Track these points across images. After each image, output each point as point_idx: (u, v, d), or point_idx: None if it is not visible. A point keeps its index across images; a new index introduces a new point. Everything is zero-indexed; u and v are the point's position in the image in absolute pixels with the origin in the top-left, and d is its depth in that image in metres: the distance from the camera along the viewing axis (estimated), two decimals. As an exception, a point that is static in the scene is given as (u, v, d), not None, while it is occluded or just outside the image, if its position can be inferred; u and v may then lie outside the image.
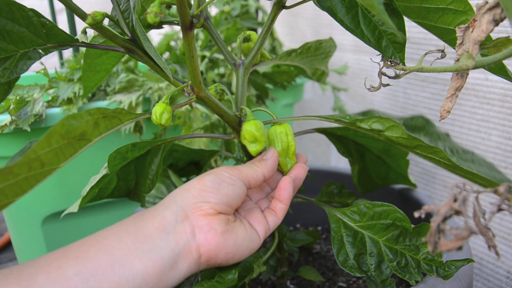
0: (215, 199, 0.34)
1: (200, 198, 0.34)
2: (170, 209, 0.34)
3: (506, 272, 0.64)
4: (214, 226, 0.34)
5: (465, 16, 0.34)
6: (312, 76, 0.61)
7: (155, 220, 0.33)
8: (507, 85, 0.60)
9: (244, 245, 0.35)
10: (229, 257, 0.35)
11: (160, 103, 0.36)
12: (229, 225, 0.35)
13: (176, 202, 0.34)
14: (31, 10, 0.33)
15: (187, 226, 0.33)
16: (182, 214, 0.33)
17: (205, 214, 0.34)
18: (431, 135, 0.38)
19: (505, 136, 0.62)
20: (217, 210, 0.34)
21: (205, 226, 0.33)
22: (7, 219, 0.68)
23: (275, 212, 0.39)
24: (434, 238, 0.26)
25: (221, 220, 0.34)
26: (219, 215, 0.34)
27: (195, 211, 0.34)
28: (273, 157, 0.39)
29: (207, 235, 0.33)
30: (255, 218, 0.38)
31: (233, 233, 0.35)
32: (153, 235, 0.32)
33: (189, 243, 0.33)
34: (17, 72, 0.34)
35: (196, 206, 0.34)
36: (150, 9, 0.30)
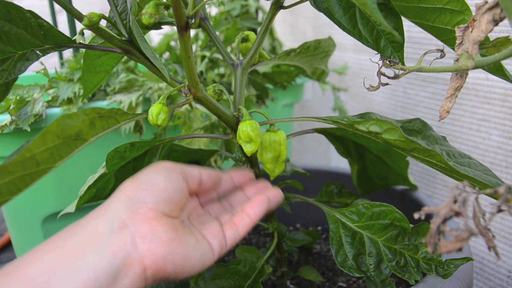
0: (151, 197, 0.30)
1: (135, 198, 0.30)
2: (104, 217, 0.29)
3: (507, 272, 0.63)
4: (159, 234, 0.29)
5: (462, 16, 0.34)
6: (312, 75, 0.61)
7: (87, 232, 0.28)
8: (508, 84, 0.60)
9: (195, 257, 0.31)
10: (178, 269, 0.30)
11: (157, 103, 0.36)
12: (177, 233, 0.31)
13: (110, 207, 0.30)
14: (29, 12, 0.33)
15: (126, 235, 0.28)
16: (118, 220, 0.29)
17: (145, 219, 0.29)
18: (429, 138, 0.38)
19: (506, 136, 0.61)
20: (158, 211, 0.30)
21: (148, 235, 0.29)
22: (7, 219, 0.69)
23: (237, 226, 0.35)
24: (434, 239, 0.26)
25: (167, 226, 0.30)
26: (162, 219, 0.30)
27: (134, 216, 0.29)
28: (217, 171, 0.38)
29: (151, 244, 0.29)
30: (210, 231, 0.34)
31: (181, 242, 0.30)
32: (84, 251, 0.27)
33: (130, 256, 0.28)
34: (15, 73, 0.34)
35: (133, 209, 0.30)
36: (145, 10, 0.30)
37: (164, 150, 0.45)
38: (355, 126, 0.36)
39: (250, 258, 0.43)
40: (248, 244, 0.69)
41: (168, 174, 0.32)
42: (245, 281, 0.40)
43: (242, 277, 0.40)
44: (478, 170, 0.36)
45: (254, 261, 0.42)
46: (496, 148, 0.63)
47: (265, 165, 0.42)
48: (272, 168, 0.42)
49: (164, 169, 0.32)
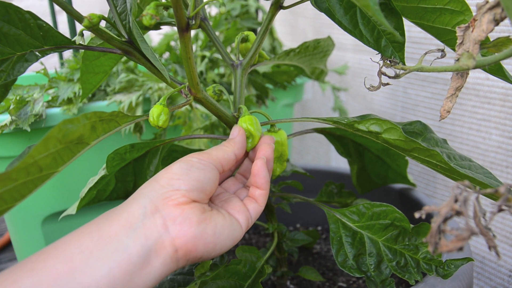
0: (185, 185, 0.32)
1: (169, 187, 0.31)
2: (137, 204, 0.31)
3: (508, 271, 0.63)
4: (188, 216, 0.31)
5: (462, 17, 0.34)
6: (311, 75, 0.61)
7: (121, 218, 0.30)
8: (508, 84, 0.59)
9: (224, 234, 0.33)
10: (210, 248, 0.32)
11: (157, 105, 0.36)
12: (206, 214, 0.32)
13: (144, 194, 0.31)
14: (28, 13, 0.33)
15: (158, 219, 0.30)
16: (151, 206, 0.31)
17: (177, 204, 0.31)
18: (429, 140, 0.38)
19: (506, 136, 0.61)
20: (190, 197, 0.32)
21: (178, 217, 0.30)
22: (7, 219, 0.69)
23: (255, 199, 0.37)
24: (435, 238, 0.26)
25: (196, 209, 0.32)
26: (192, 204, 0.32)
27: (166, 202, 0.31)
28: (240, 134, 0.38)
29: (182, 226, 0.30)
30: (234, 207, 0.36)
31: (210, 221, 0.32)
32: (119, 234, 0.29)
33: (161, 238, 0.30)
34: (14, 74, 0.34)
35: (166, 196, 0.31)
36: (146, 11, 0.30)
37: (164, 151, 0.45)
38: (355, 126, 0.36)
39: (250, 258, 0.43)
40: (248, 244, 0.69)
41: (201, 166, 0.33)
42: (245, 281, 0.40)
43: (242, 277, 0.40)
44: (479, 173, 0.36)
45: (254, 261, 0.42)
46: (496, 148, 0.63)
47: None
48: (274, 168, 0.42)
49: (198, 161, 0.34)
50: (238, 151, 0.37)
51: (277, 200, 0.55)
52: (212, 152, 0.35)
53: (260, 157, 0.37)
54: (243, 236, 0.71)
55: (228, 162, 0.36)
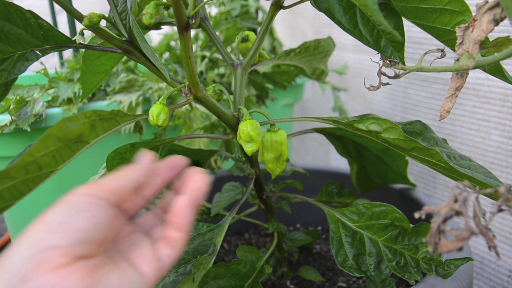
0: (65, 239, 0.24)
1: (43, 244, 0.24)
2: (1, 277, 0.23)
3: (508, 271, 0.63)
4: (69, 284, 0.24)
5: (462, 17, 0.34)
6: (312, 75, 0.61)
7: None
8: (508, 84, 0.60)
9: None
10: None
11: (157, 104, 0.36)
12: (94, 276, 0.25)
13: (10, 261, 0.24)
14: (29, 12, 0.33)
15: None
16: (18, 277, 0.23)
17: (54, 268, 0.24)
18: (429, 140, 0.38)
19: (506, 136, 0.61)
20: (73, 255, 0.24)
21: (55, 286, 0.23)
22: (7, 219, 0.69)
23: (171, 243, 0.29)
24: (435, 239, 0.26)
25: (81, 272, 0.24)
26: (76, 264, 0.24)
27: (38, 267, 0.23)
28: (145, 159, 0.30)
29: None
30: (140, 254, 0.29)
31: (101, 285, 0.25)
32: None
33: None
34: (14, 73, 0.34)
35: (38, 258, 0.24)
36: (145, 10, 0.30)
37: (164, 151, 0.45)
38: (354, 125, 0.36)
39: (251, 258, 0.43)
40: (248, 244, 0.69)
41: (90, 207, 0.26)
42: (245, 281, 0.40)
43: (242, 277, 0.41)
44: (479, 172, 0.36)
45: (254, 261, 0.42)
46: (496, 148, 0.63)
47: (266, 165, 0.42)
48: (274, 168, 0.42)
49: (84, 200, 0.26)
50: (138, 178, 0.29)
51: (277, 200, 0.55)
52: (104, 181, 0.28)
53: (188, 193, 0.30)
54: (243, 236, 0.71)
55: (125, 191, 0.28)
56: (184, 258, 0.40)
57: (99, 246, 0.26)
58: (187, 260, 0.40)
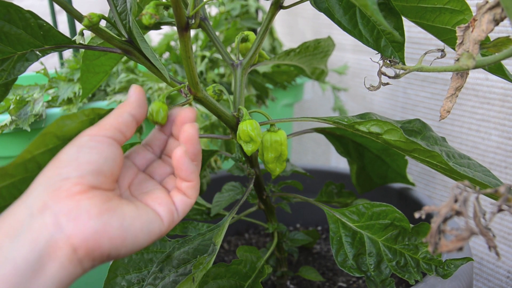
0: (76, 171, 0.26)
1: (56, 177, 0.26)
2: (22, 204, 0.26)
3: (507, 272, 0.63)
4: (85, 207, 0.26)
5: (462, 16, 0.34)
6: (311, 75, 0.61)
7: (4, 224, 0.25)
8: (508, 84, 0.60)
9: (135, 226, 0.28)
10: (117, 243, 0.27)
11: (156, 101, 0.36)
12: (110, 203, 0.27)
13: (30, 193, 0.27)
14: (29, 12, 0.33)
15: (47, 218, 0.25)
16: (38, 204, 0.26)
17: (70, 195, 0.26)
18: (428, 139, 0.38)
19: (505, 136, 0.61)
20: (86, 184, 0.27)
21: (73, 210, 0.26)
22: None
23: (183, 191, 0.31)
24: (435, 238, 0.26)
25: (96, 198, 0.27)
26: (91, 192, 0.27)
27: (56, 194, 0.26)
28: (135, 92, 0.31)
29: (78, 221, 0.25)
30: (154, 198, 0.31)
31: (116, 212, 0.27)
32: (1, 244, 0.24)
33: (53, 238, 0.25)
34: (14, 73, 0.34)
35: (55, 188, 0.26)
36: (145, 10, 0.30)
37: (164, 150, 0.45)
38: (355, 126, 0.36)
39: (251, 258, 0.43)
40: (248, 244, 0.69)
41: (95, 144, 0.28)
42: (245, 281, 0.40)
43: (242, 277, 0.41)
44: (478, 171, 0.36)
45: (254, 261, 0.42)
46: (495, 149, 0.63)
47: (266, 165, 0.42)
48: (274, 168, 0.42)
49: (89, 139, 0.28)
50: (135, 111, 0.31)
51: (277, 200, 0.55)
52: (104, 121, 0.30)
53: (180, 145, 0.31)
54: (243, 236, 0.71)
55: (126, 126, 0.30)
56: (184, 258, 0.40)
57: (109, 179, 0.28)
58: (187, 260, 0.40)
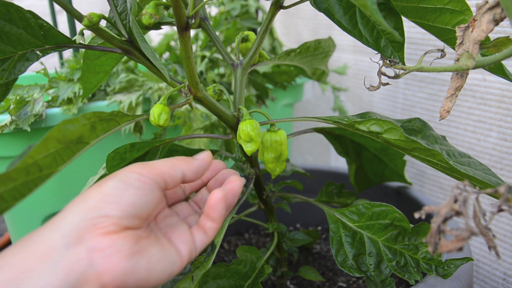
0: (118, 211, 0.27)
1: (98, 212, 0.27)
2: (59, 230, 0.27)
3: (503, 274, 0.63)
4: (118, 247, 0.27)
5: (462, 16, 0.34)
6: (312, 75, 0.61)
7: (39, 247, 0.26)
8: (505, 85, 0.60)
9: (160, 269, 0.29)
10: (141, 284, 0.28)
11: (158, 104, 0.36)
12: (139, 244, 0.28)
13: (68, 219, 0.27)
14: (29, 12, 0.33)
15: (82, 251, 0.26)
16: (74, 235, 0.26)
17: (106, 233, 0.27)
18: (428, 138, 0.38)
19: (501, 138, 0.61)
20: (122, 225, 0.28)
21: (106, 249, 0.26)
22: (7, 219, 0.69)
23: (204, 230, 0.33)
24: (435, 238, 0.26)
25: (129, 239, 0.27)
26: (124, 232, 0.28)
27: (93, 230, 0.27)
28: (203, 160, 0.33)
29: (110, 260, 0.26)
30: (179, 235, 0.32)
31: (144, 254, 0.28)
32: (36, 268, 0.25)
33: (85, 273, 0.26)
34: (15, 73, 0.34)
35: (93, 223, 0.27)
36: (145, 10, 0.30)
37: (165, 151, 0.45)
38: (355, 126, 0.36)
39: (251, 258, 0.43)
40: (248, 244, 0.69)
41: (140, 186, 0.29)
42: (245, 281, 0.40)
43: (242, 277, 0.41)
44: (478, 169, 0.36)
45: (254, 261, 0.42)
46: (491, 150, 0.63)
47: (266, 165, 0.42)
48: (274, 168, 0.42)
49: (137, 178, 0.29)
50: (189, 174, 0.32)
51: (277, 200, 0.55)
52: (157, 166, 0.31)
53: (222, 189, 0.32)
54: (243, 236, 0.71)
55: (173, 180, 0.31)
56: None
57: (143, 221, 0.30)
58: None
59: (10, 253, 0.26)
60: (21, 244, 0.26)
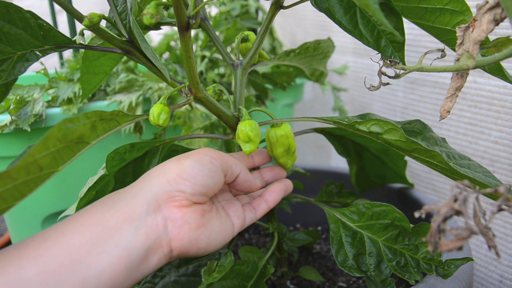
0: (191, 188, 0.32)
1: (175, 186, 0.32)
2: (142, 197, 0.31)
3: (499, 276, 0.63)
4: (188, 220, 0.32)
5: (462, 17, 0.34)
6: (311, 76, 0.61)
7: (124, 210, 0.30)
8: (495, 88, 0.60)
9: (217, 240, 0.34)
10: (201, 251, 0.33)
11: (158, 104, 0.36)
12: (205, 218, 0.33)
13: (149, 188, 0.32)
14: (29, 12, 0.33)
15: (159, 218, 0.31)
16: (154, 204, 0.31)
17: (179, 206, 0.32)
18: (428, 139, 0.38)
19: (493, 140, 0.61)
20: (193, 200, 0.32)
21: (178, 220, 0.31)
22: (7, 219, 0.69)
23: (255, 209, 0.39)
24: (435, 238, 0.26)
25: (197, 213, 0.32)
26: (194, 206, 0.33)
27: (169, 202, 0.32)
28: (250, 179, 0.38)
29: (180, 229, 0.31)
30: (234, 209, 0.37)
31: (207, 227, 0.33)
32: (121, 228, 0.29)
33: (160, 237, 0.31)
34: (14, 74, 0.34)
35: (170, 195, 0.32)
36: (146, 10, 0.30)
37: (165, 151, 0.45)
38: (356, 126, 0.36)
39: (252, 258, 0.43)
40: (248, 244, 0.69)
41: (212, 168, 0.34)
42: (248, 281, 0.40)
43: (245, 277, 0.41)
44: (478, 172, 0.36)
45: (256, 261, 0.42)
46: (483, 153, 0.63)
47: (277, 160, 0.43)
48: (285, 162, 0.43)
49: (210, 161, 0.34)
50: (243, 177, 0.37)
51: (277, 200, 0.54)
52: (227, 157, 0.36)
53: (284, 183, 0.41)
54: (243, 236, 0.71)
55: (230, 176, 0.36)
56: (185, 259, 0.40)
57: (208, 198, 0.34)
58: (188, 260, 0.40)
59: (100, 212, 0.30)
60: (109, 202, 0.31)
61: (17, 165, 0.25)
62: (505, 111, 0.59)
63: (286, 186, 0.41)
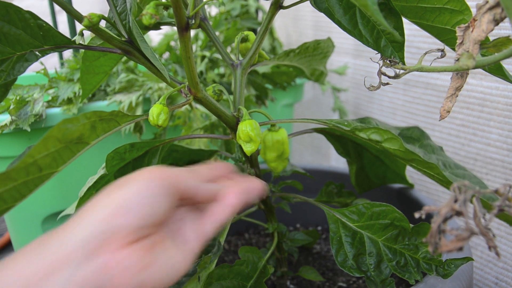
0: (131, 226, 0.26)
1: (111, 224, 0.26)
2: (74, 239, 0.26)
3: (495, 278, 0.63)
4: (130, 263, 0.26)
5: (461, 16, 0.34)
6: (311, 76, 0.61)
7: (54, 254, 0.25)
8: (487, 89, 0.60)
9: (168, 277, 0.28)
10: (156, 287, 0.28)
11: (157, 104, 0.36)
12: (153, 253, 0.27)
13: (82, 227, 0.26)
14: (28, 12, 0.33)
15: (98, 265, 0.26)
16: (91, 246, 0.26)
17: (118, 248, 0.26)
18: (426, 147, 0.38)
19: (485, 142, 0.61)
20: (136, 236, 0.27)
21: (118, 265, 0.26)
22: (7, 219, 0.69)
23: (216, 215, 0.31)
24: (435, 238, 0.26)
25: (142, 250, 0.27)
26: (139, 243, 0.27)
27: (106, 244, 0.26)
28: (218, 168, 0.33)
29: (126, 273, 0.26)
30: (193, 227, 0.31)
31: (156, 264, 0.27)
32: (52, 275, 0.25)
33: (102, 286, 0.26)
34: (14, 74, 0.34)
35: (108, 237, 0.26)
36: (146, 10, 0.30)
37: (164, 151, 0.45)
38: (356, 133, 0.36)
39: (252, 258, 0.43)
40: (248, 244, 0.69)
41: (160, 194, 0.28)
42: (247, 281, 0.40)
43: (244, 277, 0.41)
44: (473, 182, 0.37)
45: (255, 261, 0.42)
46: (475, 155, 0.63)
47: (269, 164, 0.43)
48: (276, 166, 0.43)
49: (152, 187, 0.28)
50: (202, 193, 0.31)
51: (277, 200, 0.55)
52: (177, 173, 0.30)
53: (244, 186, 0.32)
54: (243, 236, 0.71)
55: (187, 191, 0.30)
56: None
57: (157, 227, 0.28)
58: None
59: (24, 257, 0.25)
60: (36, 247, 0.26)
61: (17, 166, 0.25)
62: (497, 112, 0.59)
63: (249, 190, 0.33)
